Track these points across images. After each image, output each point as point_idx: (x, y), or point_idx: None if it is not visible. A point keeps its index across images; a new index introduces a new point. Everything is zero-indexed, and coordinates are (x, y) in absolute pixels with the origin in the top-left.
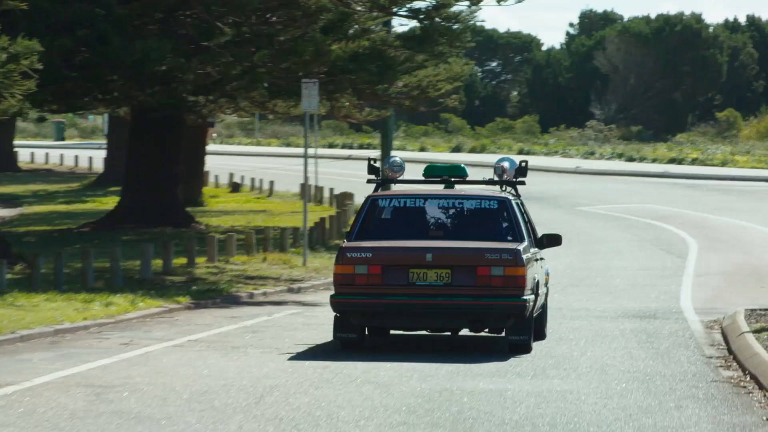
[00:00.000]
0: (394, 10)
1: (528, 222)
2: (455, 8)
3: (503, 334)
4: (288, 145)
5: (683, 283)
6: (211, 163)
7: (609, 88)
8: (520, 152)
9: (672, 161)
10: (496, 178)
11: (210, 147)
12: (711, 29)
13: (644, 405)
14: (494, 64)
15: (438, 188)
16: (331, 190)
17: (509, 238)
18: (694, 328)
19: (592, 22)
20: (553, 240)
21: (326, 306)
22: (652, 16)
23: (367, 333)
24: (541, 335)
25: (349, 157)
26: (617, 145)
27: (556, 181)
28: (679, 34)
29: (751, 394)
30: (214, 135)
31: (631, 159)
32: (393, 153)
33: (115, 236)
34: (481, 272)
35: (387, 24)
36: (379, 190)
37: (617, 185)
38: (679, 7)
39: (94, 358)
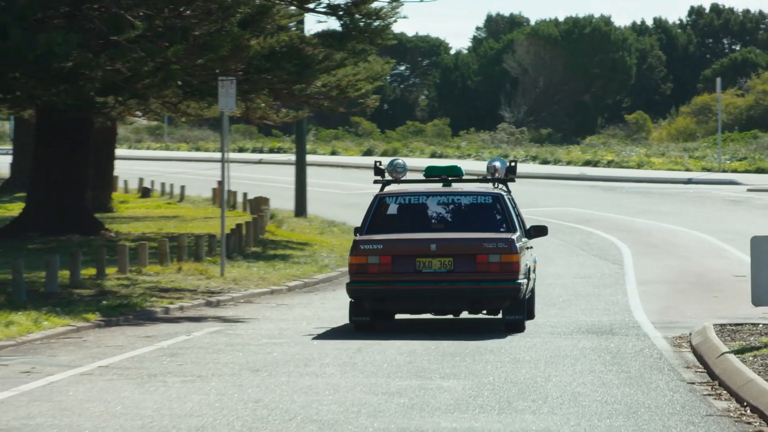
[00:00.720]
0: (312, 5)
1: (518, 215)
2: (375, 4)
3: (499, 315)
4: (197, 149)
5: (628, 292)
6: (120, 168)
7: (518, 91)
8: (433, 155)
9: (587, 163)
10: (488, 177)
11: (119, 151)
12: (619, 32)
13: None
14: (402, 68)
15: (437, 186)
16: (245, 194)
17: (503, 229)
18: (660, 346)
19: (498, 26)
20: (540, 231)
21: (250, 322)
22: (560, 18)
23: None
24: (530, 315)
25: (260, 162)
26: (530, 147)
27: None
28: (588, 37)
29: None
30: None
31: (545, 161)
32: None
33: (20, 245)
34: (480, 260)
35: (301, 23)
36: (384, 189)
37: (534, 188)
38: (583, 10)
39: None
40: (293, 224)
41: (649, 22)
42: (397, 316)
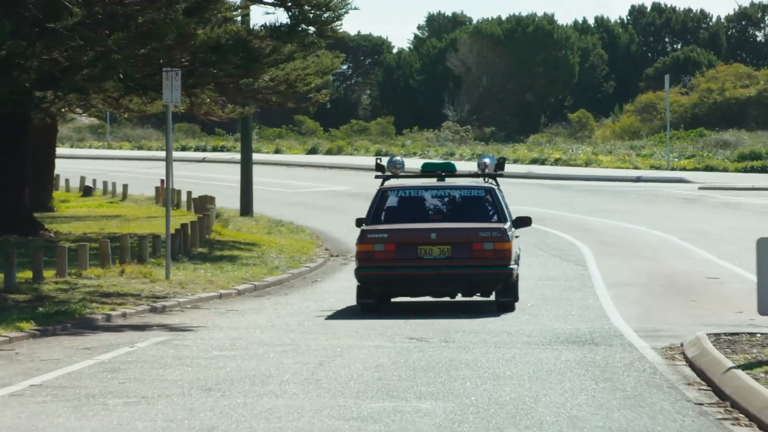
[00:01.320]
0: None
1: (507, 207)
2: None
3: (491, 297)
4: (140, 147)
5: (599, 296)
6: (61, 167)
7: (462, 90)
8: (378, 154)
9: (534, 162)
10: (479, 172)
11: (60, 150)
12: (562, 30)
13: None
14: (344, 67)
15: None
16: (189, 193)
17: (495, 219)
18: (651, 359)
19: (440, 25)
20: (524, 221)
21: (198, 331)
22: (503, 17)
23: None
24: (516, 297)
25: (203, 160)
26: (475, 145)
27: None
28: (531, 35)
29: None
30: None
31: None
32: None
33: None
34: (476, 247)
35: (248, 15)
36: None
37: None
38: (525, 8)
39: None
40: (239, 224)
41: (591, 21)
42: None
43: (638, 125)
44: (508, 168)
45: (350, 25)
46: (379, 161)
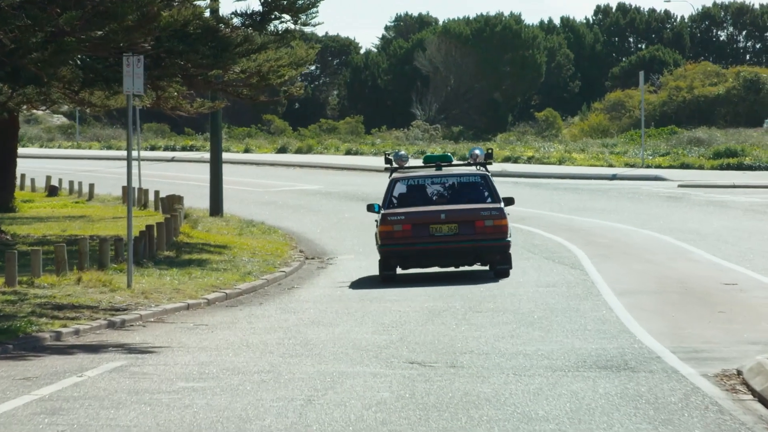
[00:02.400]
0: None
1: (497, 190)
2: None
3: (487, 267)
4: (109, 147)
5: (612, 306)
6: (28, 167)
7: (430, 89)
8: (348, 152)
9: (507, 159)
10: (470, 162)
11: (29, 150)
12: (529, 30)
13: None
14: (313, 67)
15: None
16: (156, 193)
17: (490, 200)
18: (707, 391)
19: (407, 26)
20: (509, 201)
21: (161, 353)
22: (471, 17)
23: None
24: (511, 265)
25: (172, 159)
26: (445, 144)
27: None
28: (499, 35)
29: None
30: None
31: (463, 158)
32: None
33: None
34: (479, 224)
35: (216, 1)
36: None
37: None
38: (492, 8)
39: None
40: (209, 224)
41: (557, 21)
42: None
43: (607, 123)
44: None
45: (318, 26)
46: (387, 155)
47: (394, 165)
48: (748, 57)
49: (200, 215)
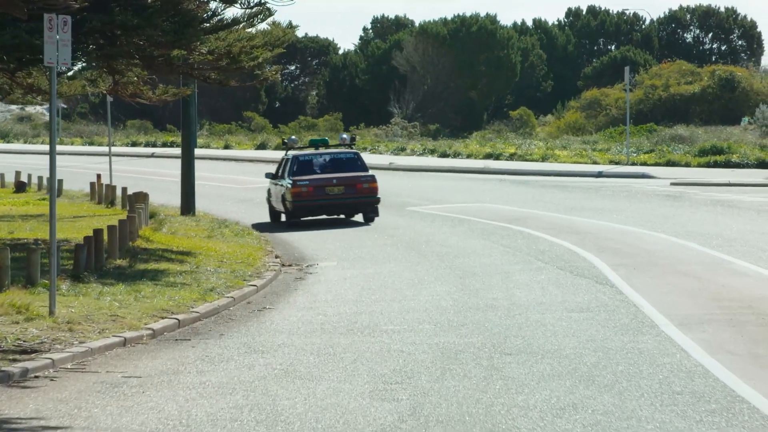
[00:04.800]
0: None
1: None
2: None
3: (361, 218)
4: (91, 143)
5: (683, 346)
6: (3, 162)
7: (407, 88)
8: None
9: (489, 156)
10: (342, 144)
11: (8, 146)
12: (504, 30)
13: None
14: (293, 67)
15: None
16: (124, 189)
17: (363, 170)
18: None
19: (384, 27)
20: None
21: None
22: (448, 17)
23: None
24: (377, 214)
25: (152, 155)
26: (426, 141)
27: None
28: (475, 35)
29: None
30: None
31: (444, 155)
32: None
33: None
34: (359, 186)
35: None
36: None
37: (439, 182)
38: (467, 10)
39: None
40: (177, 225)
41: (530, 23)
42: None
43: (583, 121)
44: (464, 162)
45: (298, 27)
46: (284, 140)
47: (288, 146)
48: (714, 58)
49: (169, 214)
